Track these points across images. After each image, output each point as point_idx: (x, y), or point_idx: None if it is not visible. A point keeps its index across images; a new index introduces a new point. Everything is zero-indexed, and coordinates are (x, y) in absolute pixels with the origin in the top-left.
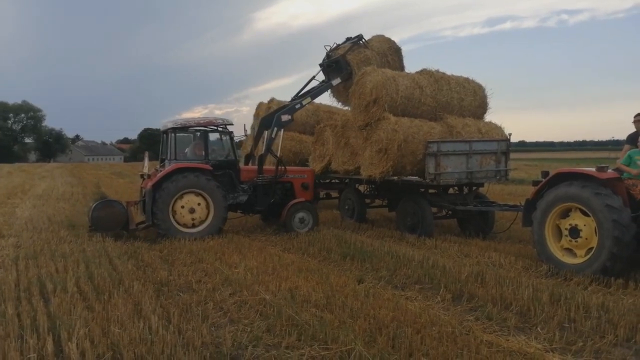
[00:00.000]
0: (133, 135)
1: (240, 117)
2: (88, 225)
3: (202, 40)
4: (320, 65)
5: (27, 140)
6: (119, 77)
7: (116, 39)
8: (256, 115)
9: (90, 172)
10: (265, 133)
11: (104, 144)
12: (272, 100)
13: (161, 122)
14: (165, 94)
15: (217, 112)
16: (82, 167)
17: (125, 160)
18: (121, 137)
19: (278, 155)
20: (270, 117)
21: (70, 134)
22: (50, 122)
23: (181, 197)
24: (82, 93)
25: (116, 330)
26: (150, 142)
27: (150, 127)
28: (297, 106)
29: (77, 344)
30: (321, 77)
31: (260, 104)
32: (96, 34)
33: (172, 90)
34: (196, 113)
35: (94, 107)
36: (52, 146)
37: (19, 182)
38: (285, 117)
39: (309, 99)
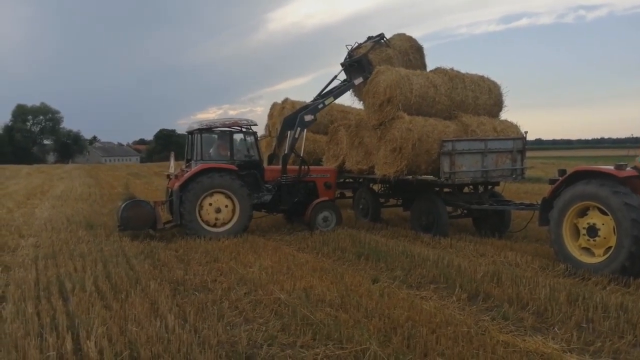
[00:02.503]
0: (149, 136)
1: (255, 117)
2: (117, 225)
3: (216, 41)
4: (342, 64)
5: (46, 141)
6: (134, 79)
7: (131, 42)
8: (270, 116)
9: (107, 173)
10: (289, 133)
11: (120, 145)
12: (286, 101)
13: (177, 123)
14: (180, 95)
15: (231, 112)
16: (99, 168)
17: (142, 160)
18: (137, 138)
19: (301, 155)
20: (293, 117)
21: (87, 135)
22: (68, 123)
23: (211, 195)
24: (99, 95)
25: (133, 329)
26: (166, 142)
27: (165, 127)
28: (320, 106)
29: (95, 342)
30: (343, 76)
31: (275, 104)
32: (111, 37)
33: (186, 91)
34: (211, 114)
35: (110, 108)
36: (70, 147)
37: (38, 183)
38: (308, 117)
39: (331, 99)
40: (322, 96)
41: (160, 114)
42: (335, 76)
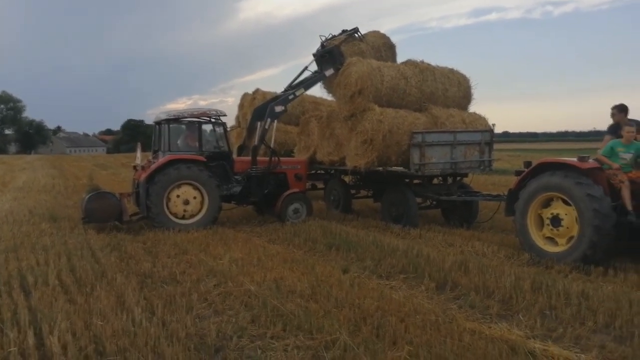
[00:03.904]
0: (116, 127)
1: (225, 108)
2: (81, 217)
3: (186, 30)
4: (314, 55)
5: (7, 131)
6: (100, 67)
7: (97, 28)
8: (241, 107)
9: (72, 164)
10: (259, 124)
11: (86, 135)
12: (257, 91)
13: (145, 114)
14: (148, 84)
15: (201, 102)
16: (63, 159)
17: (108, 151)
18: (104, 128)
19: (272, 146)
20: (263, 107)
21: (51, 125)
22: (31, 113)
23: (179, 187)
24: (62, 83)
25: (98, 323)
26: (134, 133)
27: (133, 118)
28: (291, 97)
29: (58, 337)
30: (314, 67)
31: (245, 95)
32: (77, 23)
33: (155, 81)
34: (180, 104)
35: (75, 97)
36: (33, 138)
37: None
38: (278, 108)
39: (302, 90)
40: (292, 87)
41: (128, 104)
42: (307, 67)
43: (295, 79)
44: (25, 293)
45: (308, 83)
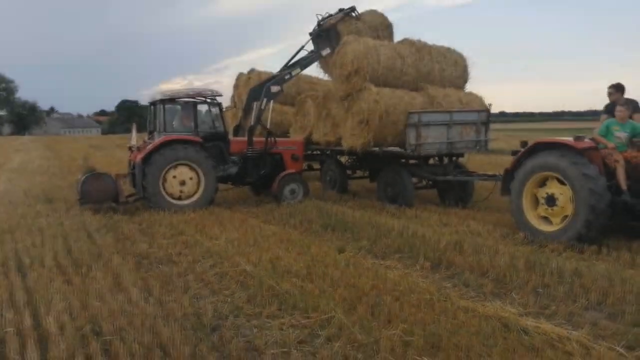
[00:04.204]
0: (110, 107)
1: (221, 88)
2: (77, 199)
3: (181, 8)
4: (310, 34)
5: (0, 112)
6: (94, 47)
7: (90, 7)
8: (236, 87)
9: (66, 145)
10: (255, 104)
11: (80, 116)
12: (252, 71)
13: (140, 94)
14: (143, 64)
15: (196, 83)
16: (57, 140)
17: (103, 132)
18: (98, 109)
19: (268, 126)
20: (259, 88)
21: (44, 106)
22: (24, 93)
23: (175, 167)
24: (56, 64)
25: (95, 304)
26: (129, 114)
27: (128, 98)
28: (287, 77)
29: (55, 317)
30: (310, 46)
31: (240, 75)
32: (69, 2)
33: (150, 60)
34: (175, 84)
35: (69, 78)
36: (26, 119)
37: None
38: (275, 88)
39: (298, 70)
40: (289, 67)
41: (122, 84)
42: (303, 46)
43: (292, 58)
44: (21, 274)
45: (304, 63)
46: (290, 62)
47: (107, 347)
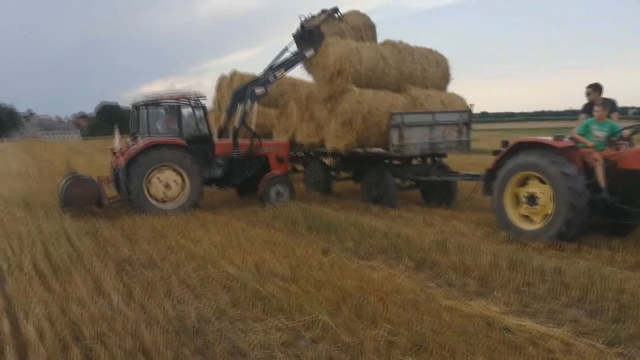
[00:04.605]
0: (90, 110)
1: (202, 90)
2: (59, 202)
3: (160, 7)
4: (294, 35)
5: None
6: (72, 48)
7: (68, 7)
8: (218, 89)
9: (46, 150)
10: (239, 106)
11: (59, 119)
12: (234, 73)
13: (120, 96)
14: (123, 66)
15: (177, 85)
16: (36, 145)
17: (83, 136)
18: (77, 112)
19: (253, 129)
20: (242, 90)
21: (22, 109)
22: (0, 97)
23: (160, 170)
24: (33, 66)
25: (76, 309)
26: (109, 117)
27: (107, 101)
28: (271, 79)
29: (34, 324)
30: (294, 48)
31: (222, 77)
32: (47, 2)
33: (130, 62)
34: (155, 86)
35: (47, 81)
36: (4, 123)
37: None
38: (259, 90)
39: (282, 72)
40: (272, 69)
41: (102, 87)
42: (286, 48)
43: (275, 60)
44: None
45: (288, 64)
46: (274, 64)
47: (88, 352)
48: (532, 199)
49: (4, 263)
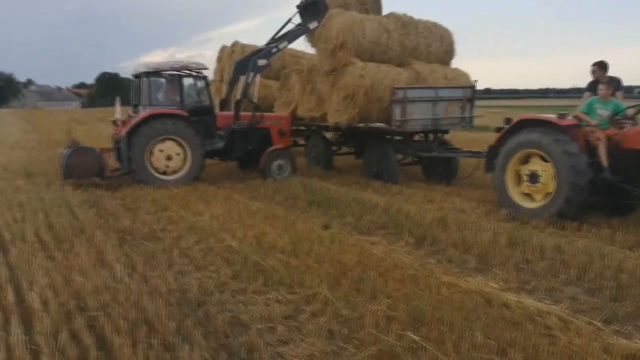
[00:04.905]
0: (89, 80)
1: (204, 61)
2: (61, 173)
3: None
4: (297, 6)
5: None
6: (70, 16)
7: None
8: (219, 60)
9: (45, 119)
10: (241, 78)
11: (59, 88)
12: (235, 44)
13: (120, 66)
14: (122, 35)
15: (178, 55)
16: (36, 114)
17: (83, 106)
18: (77, 82)
19: (255, 101)
20: (245, 61)
21: (21, 77)
22: None
23: (162, 141)
24: (31, 34)
25: (79, 279)
26: (109, 87)
27: (108, 71)
28: (274, 50)
29: (38, 293)
30: (297, 19)
31: (223, 48)
32: None
33: (129, 32)
34: (156, 56)
35: (45, 49)
36: (3, 91)
37: None
38: (262, 62)
39: (285, 43)
40: (275, 40)
41: (101, 57)
42: (290, 19)
43: (279, 31)
44: (2, 250)
45: (291, 36)
46: (277, 36)
47: (92, 322)
48: (533, 177)
49: (7, 232)
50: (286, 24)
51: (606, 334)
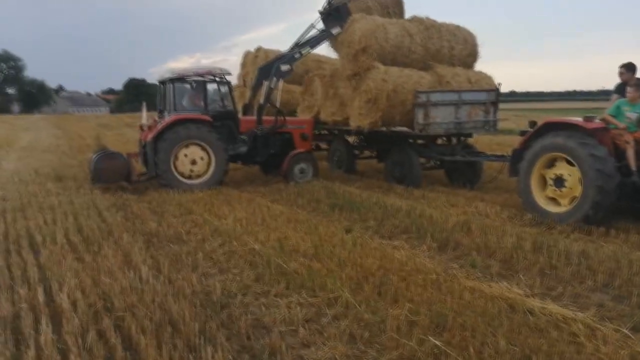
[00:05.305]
0: (118, 86)
1: (229, 66)
2: (90, 177)
3: None
4: (320, 12)
5: (9, 91)
6: (101, 24)
7: None
8: (243, 65)
9: (75, 124)
10: (264, 83)
11: (88, 94)
12: (259, 49)
13: (148, 72)
14: (150, 42)
15: (204, 61)
16: (66, 119)
17: (111, 111)
18: (106, 88)
19: (278, 105)
20: (268, 66)
21: (52, 84)
22: (32, 72)
23: (187, 146)
24: (63, 42)
25: (107, 281)
26: (137, 92)
27: (135, 77)
28: (297, 56)
29: (68, 294)
30: (320, 25)
31: (247, 53)
32: None
33: (157, 38)
34: (183, 62)
35: (76, 56)
36: (35, 97)
37: (3, 135)
38: (285, 67)
39: (308, 49)
40: (298, 46)
41: (130, 62)
42: (313, 24)
43: (302, 37)
44: (34, 251)
45: (314, 41)
46: (300, 41)
47: (119, 323)
48: (559, 181)
49: (38, 235)
50: (309, 29)
51: (634, 342)
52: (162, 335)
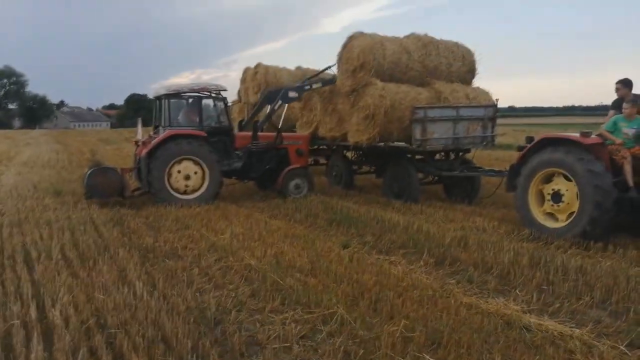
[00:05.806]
0: (119, 101)
1: (229, 82)
2: (83, 193)
3: (187, 1)
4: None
5: (11, 106)
6: (102, 41)
7: (97, 1)
8: (243, 81)
9: (76, 139)
10: (268, 106)
11: (89, 109)
12: (258, 65)
13: (149, 88)
14: (152, 57)
15: (204, 77)
16: (67, 134)
17: (112, 126)
18: (107, 103)
19: (279, 126)
20: (276, 92)
21: (54, 99)
22: (34, 87)
23: (180, 162)
24: (65, 58)
25: (100, 297)
26: (138, 107)
27: (136, 92)
28: (307, 87)
29: (60, 310)
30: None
31: (247, 69)
32: None
33: (159, 54)
34: (183, 78)
35: (78, 72)
36: (37, 112)
37: (4, 149)
38: (292, 94)
39: (319, 84)
40: (311, 79)
41: (131, 78)
42: (330, 67)
43: (317, 74)
44: (28, 267)
45: (326, 81)
46: (313, 77)
47: (111, 340)
48: (556, 197)
49: (34, 250)
50: (325, 69)
51: (631, 358)
52: (154, 352)
